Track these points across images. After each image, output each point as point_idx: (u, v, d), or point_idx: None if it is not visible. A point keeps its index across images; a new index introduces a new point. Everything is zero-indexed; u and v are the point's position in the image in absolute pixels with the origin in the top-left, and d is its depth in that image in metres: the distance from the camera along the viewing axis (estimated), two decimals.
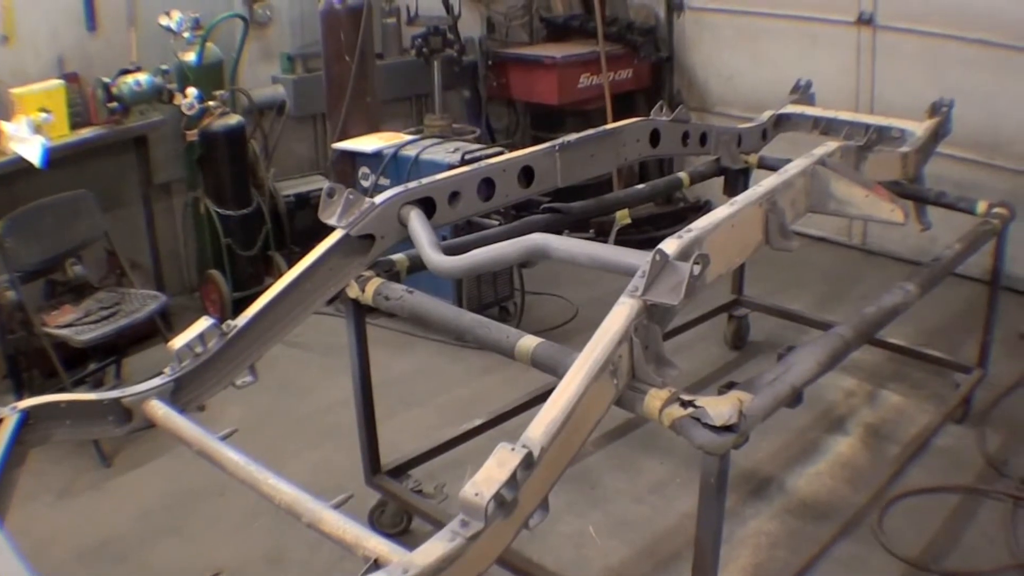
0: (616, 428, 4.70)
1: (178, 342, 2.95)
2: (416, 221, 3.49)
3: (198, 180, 5.91)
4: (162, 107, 5.64)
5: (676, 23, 7.72)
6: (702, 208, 7.29)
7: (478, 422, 4.33)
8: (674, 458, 4.48)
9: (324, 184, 6.44)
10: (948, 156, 5.70)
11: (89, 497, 4.36)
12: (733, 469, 2.63)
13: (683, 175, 4.94)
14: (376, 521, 3.96)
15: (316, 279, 3.37)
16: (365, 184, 5.79)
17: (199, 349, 2.97)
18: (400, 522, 4.01)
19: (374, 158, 5.71)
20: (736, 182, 5.01)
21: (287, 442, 4.71)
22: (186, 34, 5.62)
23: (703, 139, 4.76)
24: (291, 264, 5.80)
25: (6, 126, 5.00)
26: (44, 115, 5.06)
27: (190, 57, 5.69)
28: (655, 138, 4.49)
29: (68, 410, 2.73)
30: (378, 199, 3.47)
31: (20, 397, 4.93)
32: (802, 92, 5.53)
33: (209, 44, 5.74)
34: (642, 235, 6.42)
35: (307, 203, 6.40)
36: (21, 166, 4.93)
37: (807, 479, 4.39)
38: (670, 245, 2.73)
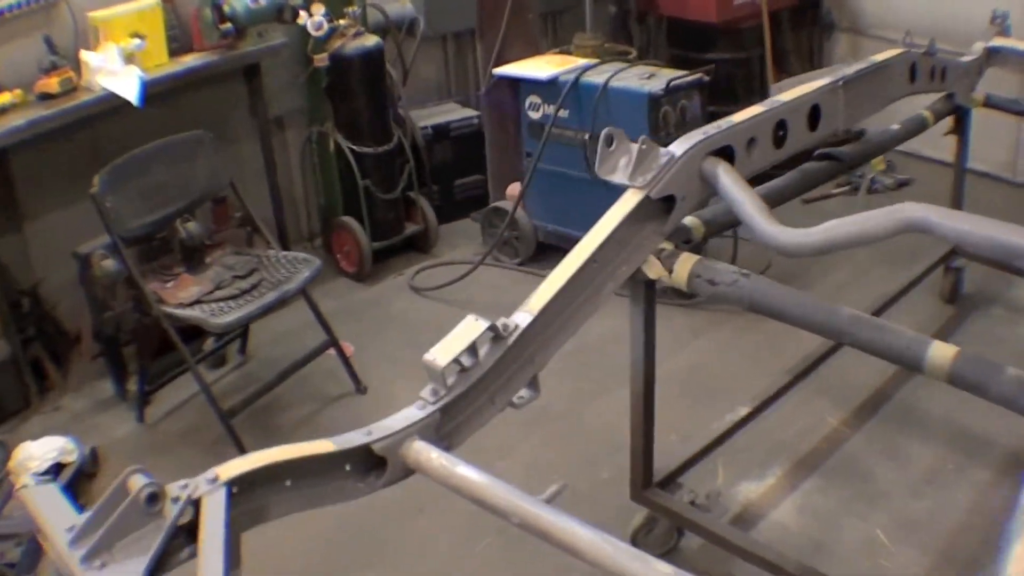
0: (867, 401, 4.14)
1: (441, 357, 2.12)
2: (729, 177, 2.70)
3: (325, 112, 5.04)
4: (282, 28, 4.77)
5: None
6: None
7: (743, 411, 3.58)
8: (935, 436, 3.92)
9: (460, 113, 5.88)
10: None
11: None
12: None
13: (926, 113, 4.18)
14: (641, 543, 3.21)
15: (605, 256, 2.57)
16: (535, 116, 4.96)
17: (468, 362, 2.18)
18: (669, 541, 3.30)
19: (548, 86, 4.85)
20: (967, 121, 4.48)
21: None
22: None
23: (943, 74, 4.11)
24: (434, 206, 5.44)
25: (90, 57, 4.13)
26: (137, 41, 4.22)
27: None
28: (912, 73, 3.82)
29: (287, 469, 1.89)
30: (675, 148, 2.65)
31: (123, 390, 4.21)
32: (999, 24, 4.73)
33: None
34: None
35: (446, 135, 5.65)
36: (112, 104, 4.09)
37: None
38: None
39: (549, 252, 5.20)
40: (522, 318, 2.35)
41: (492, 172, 5.54)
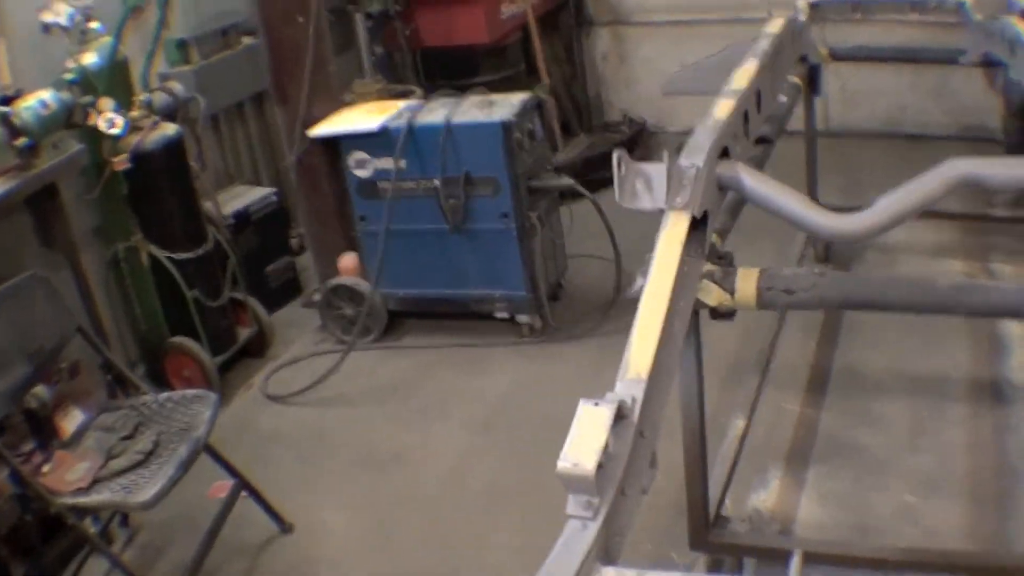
0: (810, 379, 4.04)
1: (584, 460, 1.74)
2: (753, 177, 2.49)
3: (130, 224, 4.37)
4: (74, 134, 4.05)
5: None
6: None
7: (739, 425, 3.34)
8: (895, 392, 3.89)
9: (255, 193, 5.29)
10: None
11: None
12: None
13: (795, 79, 4.13)
14: None
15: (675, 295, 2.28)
16: (363, 174, 4.51)
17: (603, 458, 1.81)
18: None
19: (378, 138, 4.42)
20: (818, 80, 4.44)
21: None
22: (92, 25, 4.08)
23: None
24: (266, 305, 4.86)
25: None
26: None
27: (90, 59, 4.11)
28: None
29: None
30: (695, 160, 2.40)
31: None
32: None
33: (106, 38, 4.20)
34: None
35: (248, 221, 5.07)
36: None
37: None
38: None
39: (401, 321, 4.84)
40: (633, 388, 1.99)
41: (314, 248, 5.03)
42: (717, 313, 2.42)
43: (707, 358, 4.02)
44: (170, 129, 4.29)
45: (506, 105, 4.40)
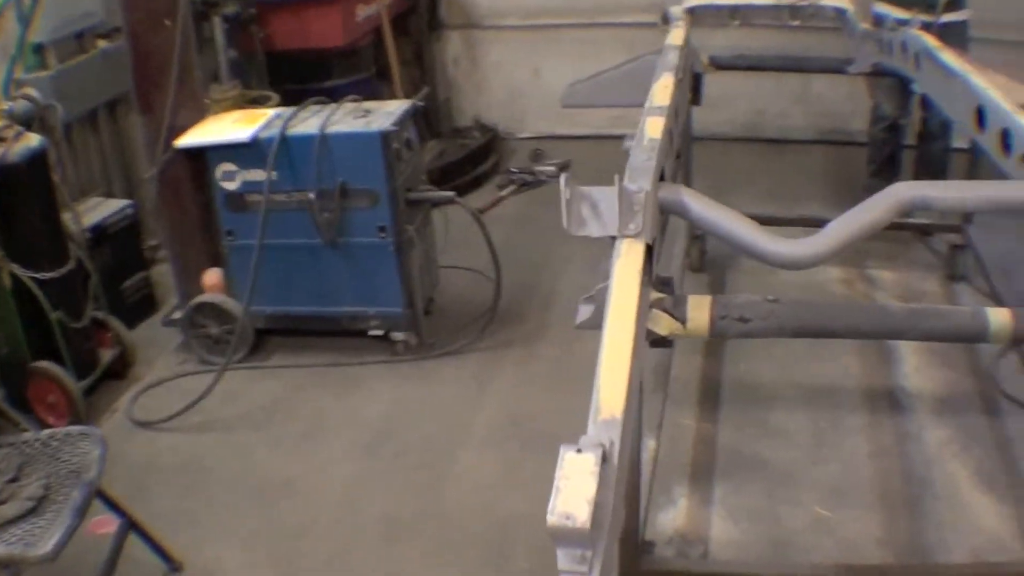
0: (703, 393, 4.04)
1: (578, 512, 1.60)
2: (698, 201, 2.44)
3: None
4: None
5: None
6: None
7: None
8: (788, 403, 3.95)
9: (110, 206, 4.93)
10: None
11: None
12: None
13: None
14: None
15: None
16: (231, 186, 4.25)
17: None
18: None
19: (249, 149, 4.16)
20: (701, 87, 4.53)
21: None
22: None
23: None
24: (123, 323, 4.51)
25: None
26: None
27: None
28: None
29: None
30: (641, 184, 2.33)
31: None
32: None
33: None
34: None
35: (104, 235, 4.72)
36: None
37: None
38: None
39: (268, 339, 4.61)
40: (610, 431, 1.89)
41: (176, 264, 4.71)
42: (660, 341, 2.35)
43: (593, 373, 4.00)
44: (34, 140, 3.93)
45: (383, 114, 4.23)
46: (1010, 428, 3.70)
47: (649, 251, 2.26)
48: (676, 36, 3.60)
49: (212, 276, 4.53)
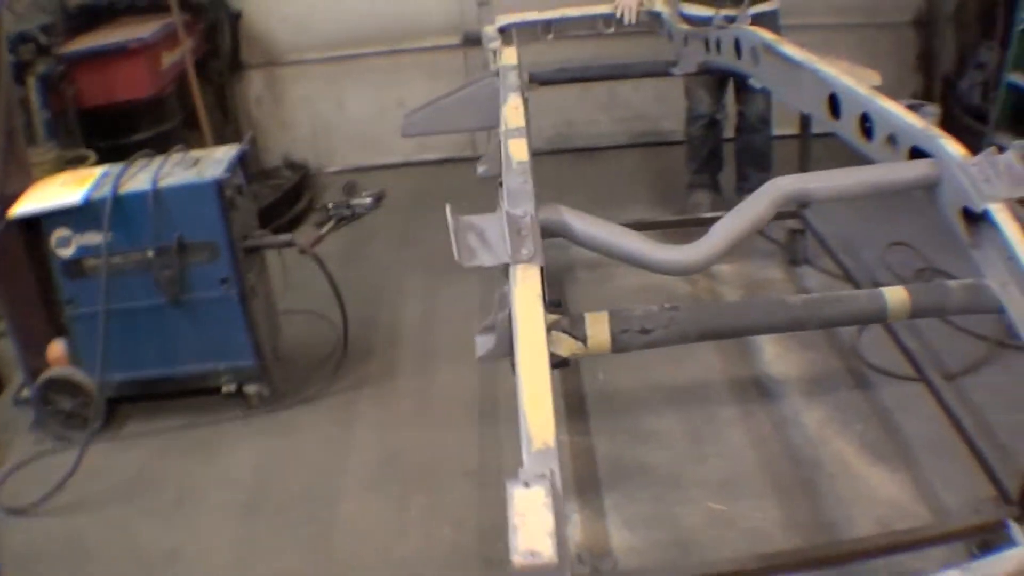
0: (569, 406, 4.05)
1: (544, 550, 1.53)
2: (580, 219, 2.44)
3: None
4: None
5: None
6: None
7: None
8: (656, 405, 3.99)
9: None
10: None
11: None
12: None
13: None
14: None
15: None
16: (67, 253, 3.97)
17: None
18: None
19: (83, 212, 3.90)
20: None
21: None
22: None
23: None
24: None
25: None
26: None
27: None
28: None
29: None
30: (526, 208, 2.30)
31: None
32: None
33: None
34: None
35: None
36: None
37: None
38: None
39: (120, 407, 4.34)
40: (547, 460, 1.86)
41: (18, 339, 4.34)
42: (561, 363, 2.32)
43: (459, 401, 4.00)
44: None
45: (213, 162, 4.05)
46: (884, 398, 3.83)
47: (541, 274, 2.22)
48: (509, 55, 3.58)
49: (57, 348, 4.24)
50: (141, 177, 3.98)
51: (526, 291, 2.12)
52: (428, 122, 3.65)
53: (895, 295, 2.33)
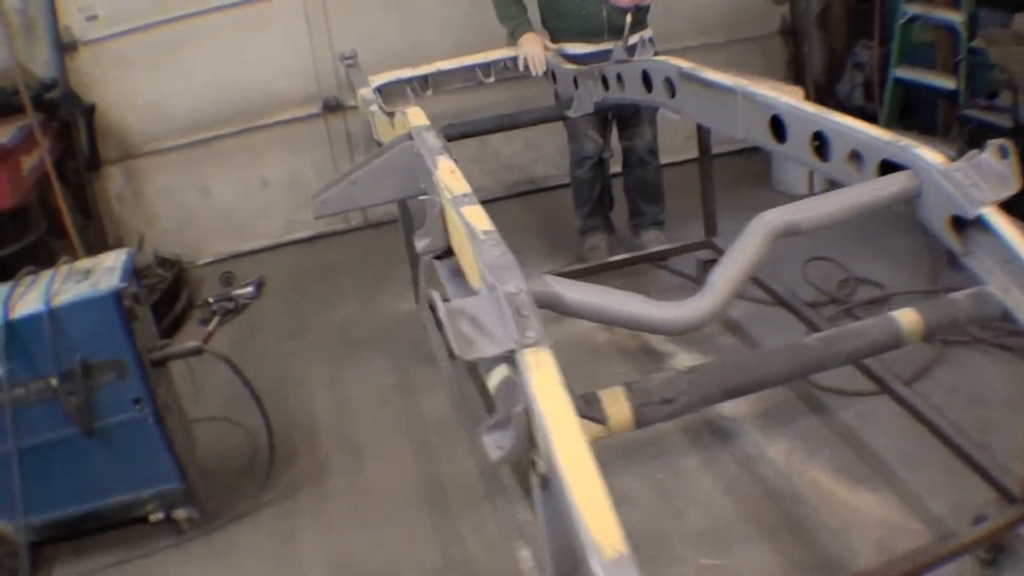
0: None
1: None
2: (575, 289, 2.23)
3: None
4: None
5: (72, 67, 5.95)
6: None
7: None
8: None
9: None
10: None
11: None
12: None
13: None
14: None
15: None
16: None
17: None
18: None
19: None
20: None
21: None
22: None
23: None
24: None
25: None
26: None
27: None
28: None
29: None
30: (517, 284, 2.08)
31: None
32: (355, 62, 4.75)
33: None
34: None
35: None
36: None
37: None
38: None
39: (44, 550, 3.89)
40: (624, 569, 1.64)
41: None
42: None
43: (401, 493, 3.69)
44: None
45: (105, 271, 3.70)
46: (844, 418, 3.75)
47: None
48: (416, 116, 3.33)
49: None
50: (31, 297, 3.59)
51: (544, 379, 1.89)
52: (342, 199, 3.35)
53: (907, 317, 2.25)
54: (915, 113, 5.84)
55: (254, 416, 4.01)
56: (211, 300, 5.78)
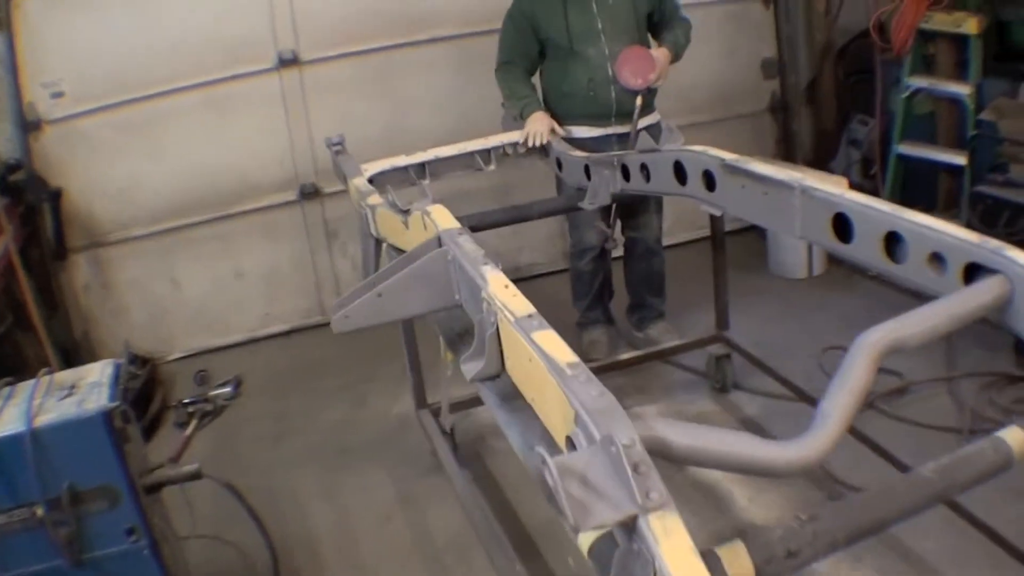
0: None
1: None
2: (685, 432, 1.98)
3: None
4: None
5: (36, 147, 5.60)
6: None
7: None
8: None
9: None
10: None
11: None
12: None
13: None
14: None
15: None
16: None
17: None
18: None
19: None
20: None
21: None
22: None
23: None
24: None
25: None
26: None
27: None
28: None
29: None
30: (627, 432, 1.82)
31: None
32: (343, 147, 4.52)
33: None
34: None
35: None
36: None
37: None
38: None
39: None
40: None
41: None
42: None
43: None
44: None
45: (91, 385, 3.37)
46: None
47: None
48: (443, 217, 3.06)
49: None
50: (9, 414, 3.25)
51: (678, 550, 1.65)
52: (369, 313, 3.07)
53: (1014, 436, 2.08)
54: (914, 187, 5.71)
55: (247, 534, 3.68)
56: (186, 401, 5.44)
